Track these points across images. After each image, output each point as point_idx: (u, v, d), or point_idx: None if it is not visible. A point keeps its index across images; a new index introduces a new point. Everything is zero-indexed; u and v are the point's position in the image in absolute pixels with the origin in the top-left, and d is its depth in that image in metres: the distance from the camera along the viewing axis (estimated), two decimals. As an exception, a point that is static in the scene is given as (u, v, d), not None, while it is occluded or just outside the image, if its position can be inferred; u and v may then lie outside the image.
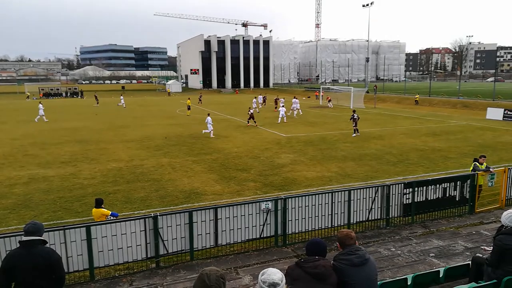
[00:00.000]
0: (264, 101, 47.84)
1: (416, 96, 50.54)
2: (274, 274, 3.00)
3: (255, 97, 46.16)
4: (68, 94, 75.64)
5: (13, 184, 14.70)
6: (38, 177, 15.64)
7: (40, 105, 35.53)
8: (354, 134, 24.98)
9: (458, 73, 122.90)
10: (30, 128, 30.26)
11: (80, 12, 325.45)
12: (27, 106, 51.99)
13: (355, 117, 25.17)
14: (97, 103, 52.54)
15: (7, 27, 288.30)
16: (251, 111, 31.00)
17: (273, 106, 44.20)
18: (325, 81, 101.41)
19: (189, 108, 39.99)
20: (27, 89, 79.25)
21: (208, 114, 26.27)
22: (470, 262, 5.91)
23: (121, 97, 52.92)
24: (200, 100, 54.30)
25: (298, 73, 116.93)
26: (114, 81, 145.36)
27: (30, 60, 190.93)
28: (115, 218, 8.59)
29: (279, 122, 31.68)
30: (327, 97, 50.05)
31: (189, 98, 44.32)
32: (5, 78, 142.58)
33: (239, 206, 8.69)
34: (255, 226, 8.79)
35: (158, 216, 8.06)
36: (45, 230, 7.43)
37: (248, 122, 30.60)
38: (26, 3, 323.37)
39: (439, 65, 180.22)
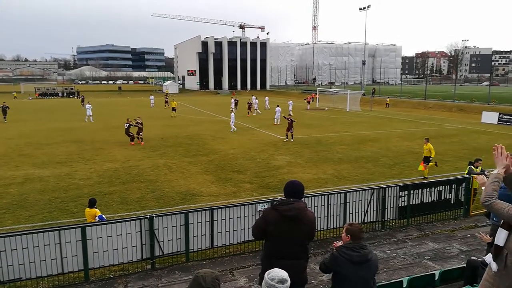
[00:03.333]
0: (236, 104, 43.06)
1: (387, 100, 51.14)
2: (282, 271, 3.02)
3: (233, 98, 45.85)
4: (64, 94, 75.42)
5: (8, 184, 14.61)
6: (33, 177, 15.55)
7: (88, 105, 35.26)
8: (286, 139, 23.84)
9: (454, 76, 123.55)
10: (25, 127, 30.11)
11: (77, 12, 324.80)
12: (20, 107, 51.77)
13: (290, 120, 23.82)
14: (82, 103, 50.68)
15: (3, 26, 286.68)
16: (139, 121, 23.53)
17: (246, 111, 40.53)
18: (321, 83, 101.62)
19: (174, 110, 39.51)
20: (23, 88, 78.77)
21: (278, 106, 33.20)
22: (465, 265, 5.94)
23: (151, 97, 52.21)
24: (166, 102, 48.79)
25: (295, 75, 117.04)
26: (110, 82, 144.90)
27: (26, 60, 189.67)
28: (101, 221, 8.36)
29: (275, 123, 31.72)
30: (312, 95, 52.32)
31: (173, 100, 43.26)
32: (1, 78, 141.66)
33: (235, 208, 8.69)
34: (251, 227, 8.77)
35: (154, 217, 8.05)
36: (40, 230, 7.45)
37: (129, 135, 23.03)
38: (23, 3, 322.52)
39: (434, 69, 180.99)
